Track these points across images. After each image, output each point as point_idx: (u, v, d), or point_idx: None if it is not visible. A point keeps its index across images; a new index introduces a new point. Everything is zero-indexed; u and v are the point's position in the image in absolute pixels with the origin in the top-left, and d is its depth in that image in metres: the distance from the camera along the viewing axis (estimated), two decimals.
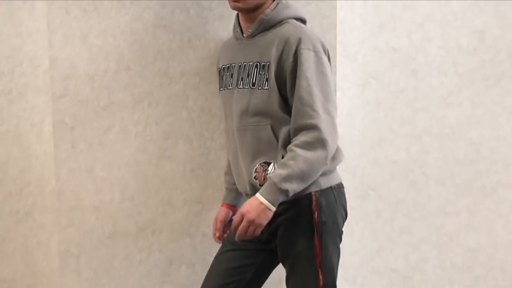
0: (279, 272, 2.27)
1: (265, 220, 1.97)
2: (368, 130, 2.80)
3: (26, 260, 2.70)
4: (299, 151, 1.96)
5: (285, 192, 1.95)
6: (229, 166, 2.37)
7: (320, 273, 2.05)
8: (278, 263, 2.22)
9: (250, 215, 1.96)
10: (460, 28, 2.80)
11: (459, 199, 2.88)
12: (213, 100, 2.52)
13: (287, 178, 1.94)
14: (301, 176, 1.97)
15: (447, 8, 2.78)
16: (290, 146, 1.99)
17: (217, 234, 2.39)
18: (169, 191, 2.55)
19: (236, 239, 2.03)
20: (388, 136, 2.83)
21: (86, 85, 2.45)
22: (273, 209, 1.97)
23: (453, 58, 2.81)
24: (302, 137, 1.98)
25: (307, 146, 1.96)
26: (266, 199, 1.95)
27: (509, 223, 2.91)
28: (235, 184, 2.33)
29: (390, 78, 2.80)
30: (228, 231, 2.37)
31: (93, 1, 2.41)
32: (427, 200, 2.87)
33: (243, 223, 1.97)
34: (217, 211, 2.45)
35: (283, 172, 1.95)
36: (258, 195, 1.97)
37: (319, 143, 1.96)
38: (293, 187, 1.96)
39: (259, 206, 1.96)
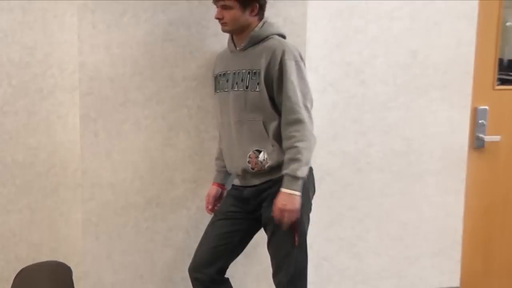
0: (256, 238, 2.54)
1: (297, 204, 2.24)
2: (325, 127, 3.01)
3: (50, 228, 2.89)
4: (300, 144, 2.24)
5: (302, 178, 2.24)
6: (220, 153, 2.62)
7: (296, 235, 2.32)
8: (259, 229, 2.47)
9: (287, 207, 2.23)
10: (399, 48, 3.08)
11: (394, 183, 3.15)
12: (208, 100, 2.72)
13: (299, 169, 2.23)
14: (307, 163, 2.27)
15: (389, 32, 3.05)
16: (291, 143, 2.25)
17: (209, 207, 2.63)
18: (171, 172, 2.76)
19: (283, 229, 2.27)
20: (341, 132, 3.08)
21: (107, 85, 2.65)
22: (298, 194, 2.24)
23: (393, 71, 3.09)
24: (295, 133, 2.25)
25: (303, 137, 2.25)
26: (291, 189, 2.23)
27: (432, 203, 3.22)
28: (224, 167, 2.58)
29: (343, 86, 3.04)
30: (218, 204, 2.60)
31: (115, 18, 2.62)
32: (370, 183, 3.15)
33: (285, 214, 2.24)
34: (209, 188, 2.67)
35: (295, 165, 2.23)
36: (284, 190, 2.24)
37: (308, 133, 2.27)
38: (304, 172, 2.25)
39: (289, 197, 2.23)
